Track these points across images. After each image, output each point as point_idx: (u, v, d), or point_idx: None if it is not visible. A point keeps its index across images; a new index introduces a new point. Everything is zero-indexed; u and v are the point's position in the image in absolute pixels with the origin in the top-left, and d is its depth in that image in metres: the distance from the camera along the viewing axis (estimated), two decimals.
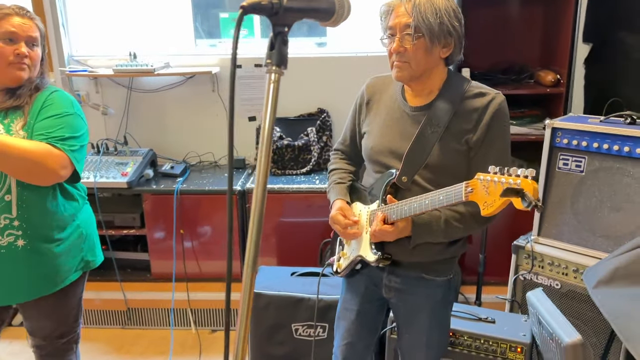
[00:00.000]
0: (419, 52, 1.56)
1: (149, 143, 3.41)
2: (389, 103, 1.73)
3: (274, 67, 0.87)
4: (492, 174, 1.36)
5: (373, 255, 1.71)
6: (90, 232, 2.05)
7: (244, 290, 0.90)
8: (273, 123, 0.89)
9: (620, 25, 2.83)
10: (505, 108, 1.63)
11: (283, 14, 0.83)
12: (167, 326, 3.13)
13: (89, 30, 3.45)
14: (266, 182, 0.89)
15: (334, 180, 1.89)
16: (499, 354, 2.13)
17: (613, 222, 2.18)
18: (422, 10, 1.52)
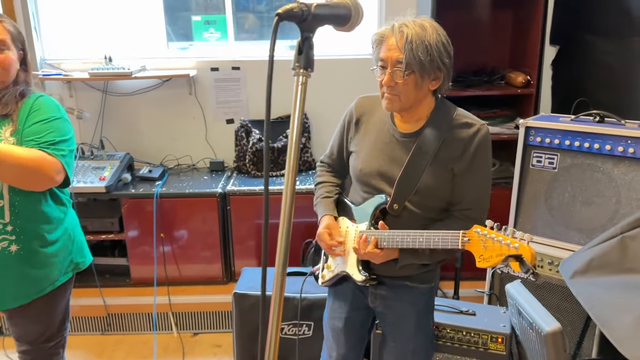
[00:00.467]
0: (409, 87, 1.59)
1: (125, 147, 3.38)
2: (379, 126, 1.76)
3: (302, 70, 0.91)
4: (489, 229, 1.44)
5: (361, 276, 1.75)
6: (77, 233, 2.06)
7: (274, 296, 0.92)
8: (301, 126, 0.93)
9: (585, 28, 2.96)
10: (489, 139, 1.68)
11: (311, 21, 0.87)
12: (148, 331, 3.10)
13: (61, 34, 3.40)
14: (294, 184, 0.93)
15: (321, 195, 1.92)
16: (480, 344, 2.21)
17: (585, 216, 2.29)
18: (414, 47, 1.52)
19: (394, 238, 1.64)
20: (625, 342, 1.66)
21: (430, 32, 1.54)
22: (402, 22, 1.56)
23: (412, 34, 1.52)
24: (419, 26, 1.54)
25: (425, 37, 1.53)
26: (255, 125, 3.31)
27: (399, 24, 1.56)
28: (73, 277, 2.05)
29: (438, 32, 1.57)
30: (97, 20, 3.39)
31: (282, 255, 0.93)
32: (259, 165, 3.22)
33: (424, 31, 1.54)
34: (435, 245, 1.56)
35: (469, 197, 1.68)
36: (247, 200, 3.03)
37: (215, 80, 3.38)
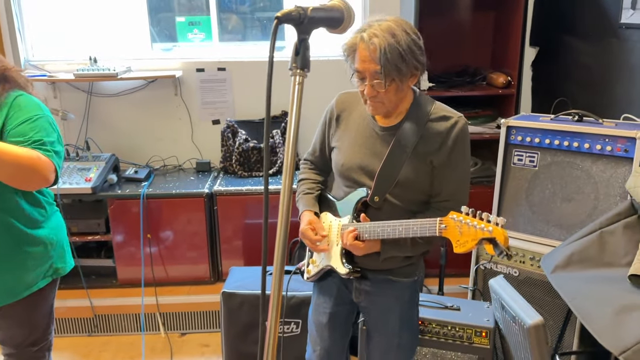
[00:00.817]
0: (391, 94, 1.60)
1: (111, 148, 3.38)
2: (359, 121, 1.79)
3: (299, 70, 0.94)
4: (464, 215, 1.47)
5: (344, 269, 1.79)
6: (59, 239, 2.02)
7: (273, 295, 0.95)
8: (298, 124, 0.96)
9: (564, 29, 3.04)
10: (466, 131, 1.71)
11: (307, 23, 0.90)
12: (135, 331, 3.11)
13: (45, 35, 3.39)
14: (292, 183, 0.96)
15: (303, 191, 1.94)
16: (465, 339, 2.26)
17: (565, 212, 2.36)
18: (389, 57, 1.51)
19: (374, 230, 1.68)
20: (604, 334, 1.72)
21: (400, 35, 1.53)
22: (371, 32, 1.53)
23: (384, 44, 1.50)
24: (388, 33, 1.52)
25: (397, 43, 1.51)
26: (241, 125, 3.33)
27: (368, 34, 1.53)
28: (55, 281, 2.03)
29: (406, 31, 1.56)
30: (81, 21, 3.38)
31: (280, 254, 0.95)
32: (246, 165, 3.24)
33: (395, 37, 1.52)
34: (414, 233, 1.60)
35: (448, 189, 1.72)
36: (234, 200, 3.05)
37: (201, 81, 3.39)
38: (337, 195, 1.87)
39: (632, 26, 2.44)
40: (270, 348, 0.95)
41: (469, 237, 1.46)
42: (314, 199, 1.92)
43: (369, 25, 1.55)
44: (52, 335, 2.11)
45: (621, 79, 2.54)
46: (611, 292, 1.84)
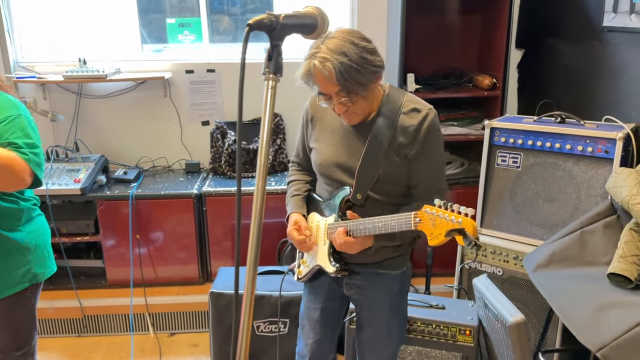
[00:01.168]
0: (360, 103, 1.64)
1: (100, 149, 3.39)
2: (333, 120, 1.81)
3: (272, 74, 0.96)
4: (437, 208, 1.50)
5: (332, 267, 1.82)
6: (39, 243, 1.99)
7: (246, 294, 0.98)
8: (271, 127, 0.99)
9: (548, 32, 3.09)
10: (437, 122, 1.75)
11: (279, 30, 0.93)
12: (125, 332, 3.12)
13: (35, 37, 3.40)
14: (265, 184, 0.98)
15: (291, 193, 1.98)
16: (449, 337, 2.29)
17: (548, 212, 2.40)
18: (346, 76, 1.52)
19: (357, 227, 1.72)
20: (583, 332, 1.75)
21: (349, 50, 1.53)
22: (321, 56, 1.53)
23: (337, 65, 1.51)
24: (338, 52, 1.52)
25: (349, 60, 1.52)
26: (230, 127, 3.35)
27: (319, 60, 1.53)
28: (36, 286, 1.99)
29: (354, 42, 1.56)
30: (71, 23, 3.39)
31: (253, 254, 0.97)
32: (235, 166, 3.27)
33: (345, 55, 1.52)
34: (392, 229, 1.63)
35: (425, 179, 1.76)
36: (223, 201, 3.07)
37: (190, 82, 3.41)
38: (322, 195, 1.91)
39: (614, 29, 2.49)
40: (243, 349, 0.96)
41: (441, 229, 1.49)
42: (302, 200, 1.96)
43: (317, 49, 1.56)
44: (36, 340, 2.08)
45: (603, 81, 2.59)
46: (591, 290, 1.88)
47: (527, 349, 1.95)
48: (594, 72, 2.66)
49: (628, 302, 1.76)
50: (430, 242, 1.52)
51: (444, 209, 1.49)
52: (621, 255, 1.88)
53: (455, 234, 1.44)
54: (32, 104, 3.33)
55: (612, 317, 1.73)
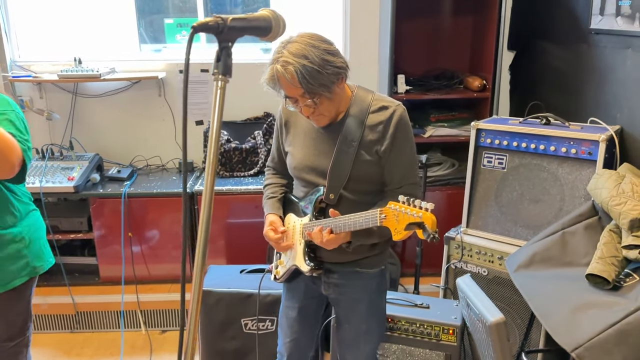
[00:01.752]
0: (325, 105, 1.68)
1: (95, 148, 3.43)
2: (305, 123, 1.85)
3: (221, 75, 0.99)
4: (401, 204, 1.53)
5: (306, 266, 1.86)
6: (35, 237, 2.05)
7: (194, 289, 1.00)
8: (220, 126, 1.01)
9: (539, 34, 3.10)
10: (405, 117, 1.77)
11: (227, 32, 0.96)
12: (117, 328, 3.16)
13: (32, 36, 3.44)
14: (214, 183, 1.01)
15: (267, 196, 2.02)
16: (433, 336, 2.31)
17: (532, 213, 2.41)
18: (308, 79, 1.56)
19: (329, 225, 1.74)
20: (559, 331, 1.77)
21: (310, 53, 1.57)
22: (283, 60, 1.57)
23: (299, 68, 1.55)
24: (299, 56, 1.56)
25: (311, 62, 1.56)
26: (223, 126, 3.38)
27: (281, 64, 1.57)
28: (32, 279, 2.06)
29: (314, 45, 1.59)
30: (69, 23, 3.43)
31: (201, 248, 1.00)
32: (227, 165, 3.30)
33: (306, 57, 1.56)
34: (361, 226, 1.65)
35: (397, 175, 1.78)
36: (214, 200, 3.09)
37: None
38: (298, 196, 1.94)
39: (601, 32, 2.50)
40: (190, 348, 0.98)
41: (403, 224, 1.51)
42: (278, 202, 2.00)
43: (279, 54, 1.59)
44: (31, 331, 2.14)
45: (590, 83, 2.60)
46: (569, 290, 1.90)
47: (507, 349, 1.97)
48: (581, 74, 2.67)
49: (604, 303, 1.78)
50: (394, 237, 1.55)
51: (407, 204, 1.52)
52: (600, 256, 1.89)
53: (415, 228, 1.47)
54: (29, 102, 3.38)
55: (588, 317, 1.75)
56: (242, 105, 3.43)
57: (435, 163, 3.24)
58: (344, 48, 3.49)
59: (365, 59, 3.42)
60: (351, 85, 1.82)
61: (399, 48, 3.23)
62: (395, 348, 2.36)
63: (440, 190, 3.16)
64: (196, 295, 1.00)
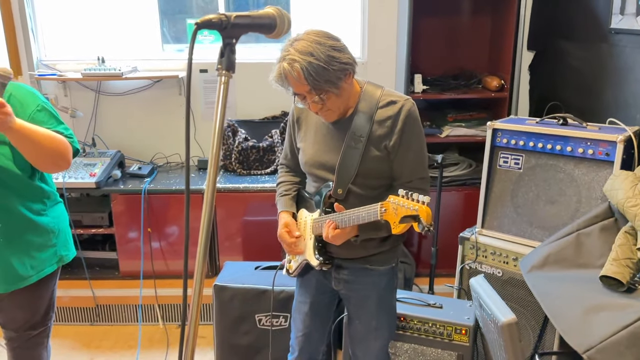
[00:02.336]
0: (332, 100, 1.70)
1: (117, 145, 3.51)
2: (315, 120, 1.88)
3: (224, 71, 1.01)
4: (400, 197, 1.55)
5: (316, 260, 1.89)
6: (62, 227, 2.13)
7: (195, 284, 1.03)
8: (223, 119, 1.04)
9: (559, 34, 3.07)
10: (414, 112, 1.78)
11: (231, 29, 0.98)
12: (135, 322, 3.22)
13: (58, 35, 3.53)
14: (216, 176, 1.03)
15: (280, 193, 2.05)
16: (445, 336, 2.31)
17: (548, 214, 2.39)
18: (314, 76, 1.59)
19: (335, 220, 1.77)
20: (571, 333, 1.75)
21: (316, 50, 1.60)
22: (289, 58, 1.60)
23: (305, 66, 1.58)
24: (305, 53, 1.59)
25: (316, 59, 1.59)
26: (241, 125, 3.42)
27: (288, 62, 1.60)
28: (58, 269, 2.13)
29: (320, 42, 1.62)
30: (93, 23, 3.52)
31: (202, 246, 1.02)
32: (245, 163, 3.33)
33: (312, 55, 1.59)
34: (363, 220, 1.67)
35: (407, 170, 1.79)
36: (231, 197, 3.14)
37: (204, 81, 3.50)
38: (310, 192, 1.97)
39: (621, 31, 2.46)
40: (190, 348, 1.01)
41: (400, 217, 1.52)
42: (291, 199, 2.02)
43: (286, 52, 1.62)
44: (52, 321, 2.21)
45: (610, 83, 2.56)
46: (582, 292, 1.88)
47: (518, 349, 1.96)
48: (600, 74, 2.64)
49: (617, 305, 1.76)
50: (393, 231, 1.56)
51: (405, 198, 1.53)
52: (614, 258, 1.87)
53: (410, 220, 1.48)
54: (54, 100, 3.47)
55: (600, 319, 1.73)
56: (260, 104, 3.46)
57: (452, 163, 3.23)
58: (361, 47, 3.50)
59: (383, 58, 3.43)
60: (360, 81, 1.84)
61: (418, 47, 3.23)
62: (407, 347, 2.37)
63: (456, 191, 3.15)
64: (197, 290, 1.02)
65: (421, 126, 1.82)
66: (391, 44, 3.40)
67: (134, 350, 3.01)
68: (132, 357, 2.95)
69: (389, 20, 3.36)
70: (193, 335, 1.03)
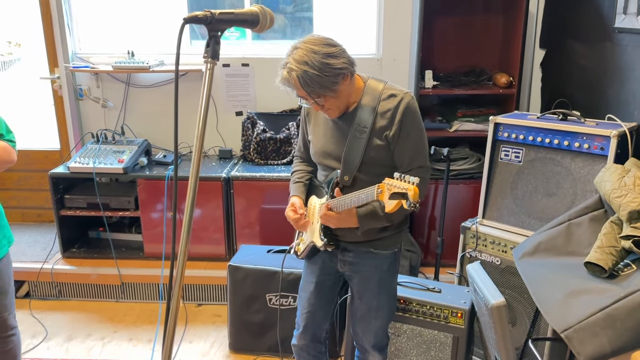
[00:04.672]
0: (331, 101, 1.85)
1: (144, 134, 3.73)
2: (323, 115, 2.02)
3: (210, 59, 1.17)
4: (394, 179, 1.67)
5: (320, 241, 2.03)
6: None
7: (178, 264, 1.18)
8: (208, 102, 1.19)
9: (568, 33, 3.14)
10: (413, 105, 1.91)
11: (215, 24, 1.14)
12: (157, 300, 3.44)
13: (91, 30, 3.77)
14: (200, 162, 1.18)
15: (293, 180, 2.22)
16: (442, 318, 2.44)
17: (546, 206, 2.48)
18: (309, 82, 1.74)
19: (338, 203, 1.92)
20: (552, 313, 1.86)
21: (310, 59, 1.73)
22: (288, 67, 1.76)
23: (300, 74, 1.73)
24: (301, 62, 1.74)
25: (311, 67, 1.73)
26: (260, 117, 3.60)
27: (287, 70, 1.76)
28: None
29: (315, 51, 1.75)
30: (126, 19, 3.75)
31: (186, 231, 1.17)
32: (262, 154, 3.51)
33: (307, 63, 1.73)
34: (362, 201, 1.80)
35: (406, 159, 1.92)
36: (248, 184, 3.32)
37: (226, 75, 3.69)
38: (320, 180, 2.12)
39: (624, 30, 2.53)
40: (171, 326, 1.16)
41: (390, 194, 1.65)
42: (303, 186, 2.18)
43: (287, 59, 1.78)
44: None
45: (612, 81, 2.63)
46: (567, 278, 1.98)
47: (507, 331, 2.07)
48: (604, 72, 2.71)
49: (598, 289, 1.85)
50: (386, 209, 1.67)
51: (399, 180, 1.66)
52: (599, 245, 1.96)
53: (399, 197, 1.61)
54: (87, 91, 3.71)
55: (580, 302, 1.83)
56: (278, 97, 3.62)
57: (461, 157, 3.33)
58: (377, 44, 3.63)
59: (397, 54, 3.55)
60: (364, 77, 1.98)
61: (432, 45, 3.35)
62: (406, 328, 2.50)
63: (464, 184, 3.26)
64: (180, 271, 1.17)
65: (420, 119, 1.95)
66: (406, 42, 3.52)
67: (154, 325, 3.22)
68: (152, 332, 3.16)
69: (404, 18, 3.48)
70: (175, 313, 1.18)
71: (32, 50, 3.96)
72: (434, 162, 3.23)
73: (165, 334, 1.22)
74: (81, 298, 3.50)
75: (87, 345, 3.05)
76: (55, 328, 3.20)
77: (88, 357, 2.94)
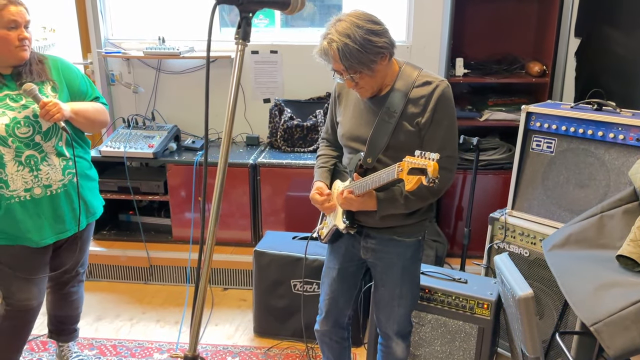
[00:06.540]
0: (366, 79, 1.83)
1: (174, 120, 3.78)
2: (354, 96, 2.01)
3: (241, 40, 1.17)
4: (415, 157, 1.65)
5: (342, 224, 2.03)
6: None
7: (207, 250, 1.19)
8: (239, 84, 1.19)
9: (604, 20, 3.04)
10: (448, 93, 1.88)
11: (247, 4, 1.14)
12: (184, 283, 3.49)
13: (123, 16, 3.82)
14: (229, 145, 1.19)
15: (318, 165, 2.21)
16: (467, 309, 2.42)
17: (577, 198, 2.43)
18: (348, 56, 1.72)
19: (361, 184, 1.91)
20: (581, 306, 1.83)
21: (353, 32, 1.71)
22: (330, 37, 1.73)
23: (341, 47, 1.71)
24: (343, 34, 1.71)
25: (353, 41, 1.71)
26: (287, 104, 3.60)
27: (328, 40, 1.74)
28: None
29: (359, 25, 1.73)
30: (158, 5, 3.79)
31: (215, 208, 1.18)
32: (289, 141, 3.52)
33: (349, 37, 1.71)
34: (383, 180, 1.78)
35: (435, 147, 1.87)
36: (275, 171, 3.34)
37: (255, 62, 3.70)
38: (345, 163, 2.11)
39: None
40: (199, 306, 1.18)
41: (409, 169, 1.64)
42: (327, 171, 2.17)
43: (328, 30, 1.76)
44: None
45: None
46: (598, 270, 1.93)
47: (534, 323, 2.04)
48: None
49: (629, 283, 1.81)
50: (407, 187, 1.64)
51: (419, 157, 1.63)
52: (632, 239, 1.92)
53: (418, 173, 1.59)
54: (118, 76, 3.77)
55: (611, 295, 1.79)
56: (306, 85, 3.63)
57: (492, 147, 3.28)
58: (407, 30, 3.58)
59: (428, 41, 3.50)
60: (400, 61, 1.95)
61: (463, 32, 3.29)
62: (430, 317, 2.49)
63: (493, 174, 3.21)
64: (208, 255, 1.19)
65: (454, 107, 1.92)
66: (436, 29, 3.47)
67: (180, 308, 3.27)
68: (179, 314, 3.22)
69: (435, 5, 3.43)
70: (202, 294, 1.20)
71: (65, 36, 4.02)
72: (462, 151, 3.19)
73: (193, 316, 1.24)
74: (111, 279, 3.58)
75: (116, 325, 3.13)
76: (85, 308, 3.24)
77: (116, 337, 3.01)
